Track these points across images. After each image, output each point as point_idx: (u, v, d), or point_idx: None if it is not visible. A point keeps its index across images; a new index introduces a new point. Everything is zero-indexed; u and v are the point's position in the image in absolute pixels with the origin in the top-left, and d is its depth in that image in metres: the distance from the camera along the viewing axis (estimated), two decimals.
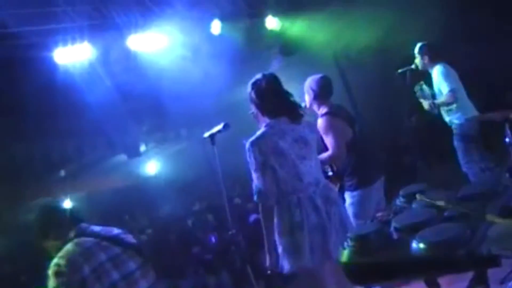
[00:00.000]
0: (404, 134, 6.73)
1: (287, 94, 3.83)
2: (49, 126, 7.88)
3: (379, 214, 2.79)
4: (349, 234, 2.50)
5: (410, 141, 7.92)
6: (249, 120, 3.97)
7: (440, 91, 6.00)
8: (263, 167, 3.57)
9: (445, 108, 6.05)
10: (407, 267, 2.33)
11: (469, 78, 6.23)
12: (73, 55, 5.95)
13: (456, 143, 6.08)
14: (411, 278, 2.47)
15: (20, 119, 7.40)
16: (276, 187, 3.60)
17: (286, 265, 3.62)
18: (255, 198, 3.62)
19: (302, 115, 3.81)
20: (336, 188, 4.95)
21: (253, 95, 3.78)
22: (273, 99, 3.74)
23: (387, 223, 2.58)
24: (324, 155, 4.62)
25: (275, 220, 3.66)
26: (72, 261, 2.95)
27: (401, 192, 2.91)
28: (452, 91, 5.87)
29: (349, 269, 2.46)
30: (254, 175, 3.61)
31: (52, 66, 5.91)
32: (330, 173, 4.96)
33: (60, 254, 3.00)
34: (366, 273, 2.44)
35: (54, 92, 6.67)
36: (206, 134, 4.34)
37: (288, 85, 4.08)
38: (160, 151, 11.64)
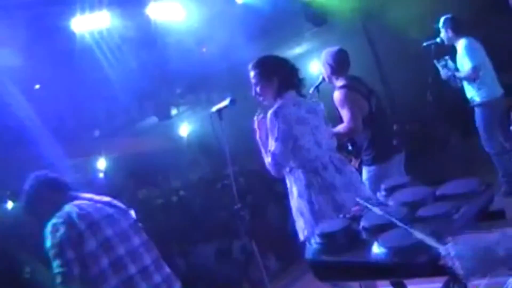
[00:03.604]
0: (428, 107, 6.59)
1: (296, 70, 3.95)
2: (79, 91, 8.03)
3: (355, 208, 2.73)
4: (316, 231, 2.46)
5: (435, 114, 7.74)
6: None
7: (462, 66, 5.78)
8: (285, 136, 3.66)
9: (467, 84, 5.83)
10: (370, 269, 2.28)
11: (499, 53, 5.98)
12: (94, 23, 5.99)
13: (477, 122, 5.89)
14: (375, 279, 2.42)
15: (50, 83, 7.57)
16: (298, 157, 3.71)
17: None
18: (268, 163, 3.73)
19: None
20: (356, 163, 4.94)
21: (264, 71, 3.86)
22: (285, 74, 3.87)
23: (359, 219, 2.52)
24: (340, 127, 4.59)
25: (303, 187, 3.74)
26: (68, 219, 3.10)
27: (383, 186, 2.83)
28: (474, 68, 5.64)
29: (314, 266, 2.43)
30: (273, 143, 3.69)
31: (70, 33, 5.96)
32: (350, 148, 4.92)
33: (57, 214, 3.15)
34: (332, 271, 2.41)
35: (81, 56, 6.76)
36: (214, 109, 4.35)
37: (318, 54, 4.14)
38: (192, 114, 11.71)
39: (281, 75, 3.85)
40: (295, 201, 3.81)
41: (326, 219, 3.53)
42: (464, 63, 5.74)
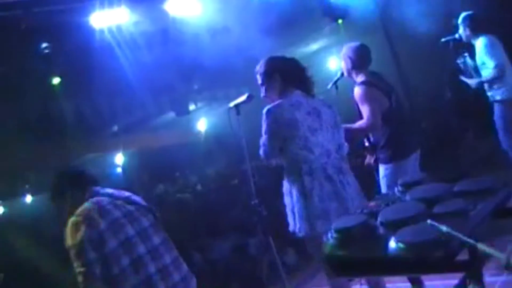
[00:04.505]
0: (446, 103, 6.56)
1: (301, 69, 3.98)
2: (97, 86, 8.10)
3: (371, 203, 2.72)
4: (333, 226, 2.46)
5: (453, 110, 7.68)
6: None
7: (484, 64, 5.71)
8: (273, 135, 3.75)
9: (488, 83, 5.78)
10: (387, 264, 2.28)
11: None
12: (113, 18, 6.03)
13: (496, 120, 5.83)
14: (392, 275, 2.41)
15: (69, 79, 7.64)
16: (286, 158, 3.79)
17: (302, 229, 3.74)
18: (260, 151, 3.86)
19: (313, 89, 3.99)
20: (372, 159, 4.94)
21: (266, 72, 3.93)
22: (287, 73, 3.90)
23: (376, 214, 2.52)
24: (360, 123, 4.58)
25: (288, 185, 3.84)
26: (89, 217, 3.11)
27: (399, 181, 2.82)
28: (498, 66, 5.58)
29: (331, 261, 2.43)
30: (263, 136, 3.81)
31: (90, 29, 6.00)
32: (367, 144, 4.91)
33: (77, 212, 3.16)
34: (348, 266, 2.41)
35: (99, 52, 6.82)
36: (232, 104, 4.39)
37: (336, 50, 4.11)
38: (209, 110, 11.75)
39: (282, 75, 3.88)
40: (285, 197, 3.90)
41: (304, 221, 3.67)
42: (486, 62, 5.68)
